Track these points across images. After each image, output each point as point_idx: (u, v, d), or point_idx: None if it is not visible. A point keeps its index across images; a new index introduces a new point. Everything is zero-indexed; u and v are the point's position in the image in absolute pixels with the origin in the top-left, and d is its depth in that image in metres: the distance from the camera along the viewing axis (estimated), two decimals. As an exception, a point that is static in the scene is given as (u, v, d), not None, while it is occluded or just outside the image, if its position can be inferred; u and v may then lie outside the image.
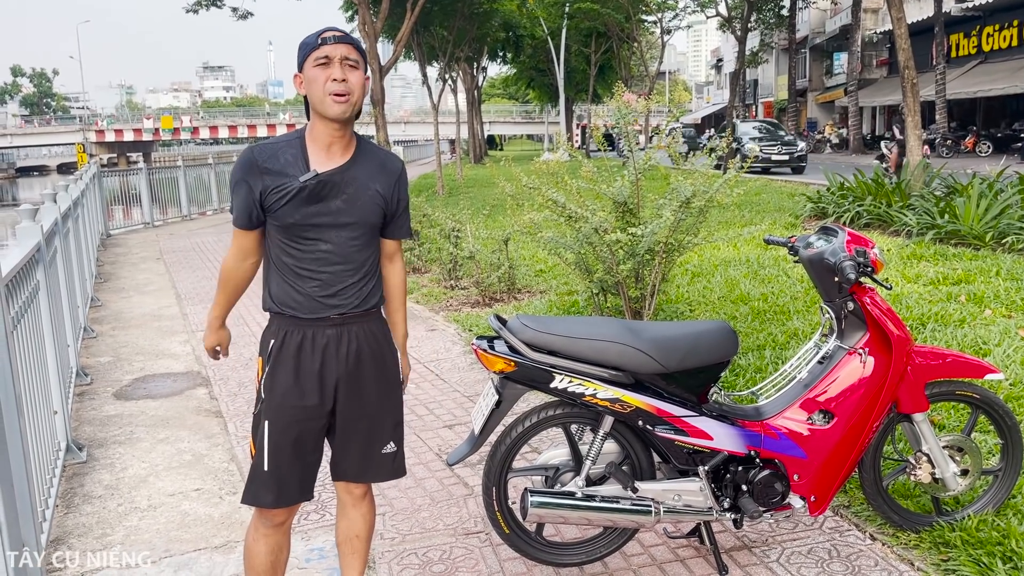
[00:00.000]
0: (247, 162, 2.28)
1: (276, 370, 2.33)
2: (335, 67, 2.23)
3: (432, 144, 32.43)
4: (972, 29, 31.49)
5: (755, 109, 54.23)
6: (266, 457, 2.34)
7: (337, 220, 2.30)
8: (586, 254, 6.05)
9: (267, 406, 2.34)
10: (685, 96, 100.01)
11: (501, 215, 11.40)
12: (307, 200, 2.26)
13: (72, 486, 4.00)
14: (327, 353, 2.34)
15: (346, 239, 2.32)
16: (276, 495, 2.36)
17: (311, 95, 2.27)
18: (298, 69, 2.31)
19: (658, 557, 3.11)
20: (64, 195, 7.07)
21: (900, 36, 11.76)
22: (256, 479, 2.36)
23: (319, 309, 2.31)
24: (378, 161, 2.39)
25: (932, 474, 3.07)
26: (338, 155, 2.32)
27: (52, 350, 4.29)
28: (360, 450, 2.46)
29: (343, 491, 2.55)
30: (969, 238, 8.66)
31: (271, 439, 2.33)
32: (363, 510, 2.57)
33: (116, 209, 17.25)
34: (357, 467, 2.48)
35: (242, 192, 2.28)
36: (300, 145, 2.31)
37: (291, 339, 2.33)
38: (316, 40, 2.25)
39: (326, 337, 2.33)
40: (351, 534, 2.57)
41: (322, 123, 2.29)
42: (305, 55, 2.27)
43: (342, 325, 2.35)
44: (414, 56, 26.25)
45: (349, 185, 2.31)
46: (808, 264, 3.06)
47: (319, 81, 2.23)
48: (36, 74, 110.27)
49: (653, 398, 2.76)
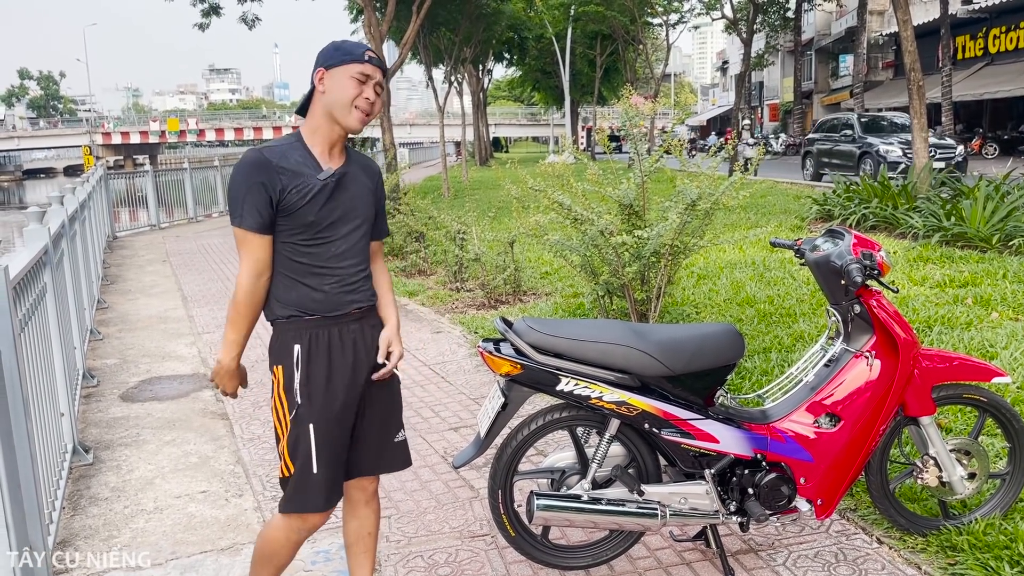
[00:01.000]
0: (259, 162, 2.26)
1: (311, 374, 2.33)
2: (370, 88, 2.33)
3: (437, 146, 32.43)
4: (978, 31, 31.40)
5: (761, 111, 54.17)
6: (315, 461, 2.33)
7: (348, 216, 2.38)
8: (592, 256, 6.05)
9: (308, 411, 2.33)
10: (691, 98, 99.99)
11: (507, 217, 11.41)
12: (326, 197, 2.32)
13: (79, 488, 4.01)
14: (357, 348, 2.39)
15: (356, 235, 2.40)
16: (327, 497, 2.38)
17: (335, 100, 2.30)
18: (324, 65, 2.32)
19: (664, 560, 3.10)
20: (71, 198, 7.09)
21: (906, 38, 11.73)
22: (306, 485, 2.35)
23: (341, 306, 2.36)
24: (363, 163, 2.50)
25: (939, 478, 3.06)
26: (337, 156, 2.39)
27: (59, 352, 4.31)
28: (379, 440, 2.50)
29: (356, 489, 2.55)
30: (975, 240, 8.63)
31: (318, 442, 2.33)
32: (374, 506, 2.60)
33: (122, 211, 17.32)
34: (375, 459, 2.52)
35: (257, 193, 2.25)
36: (303, 147, 2.34)
37: (319, 341, 2.34)
38: (362, 55, 2.31)
39: (352, 332, 2.39)
40: (363, 532, 2.58)
41: (333, 127, 2.34)
42: (344, 61, 2.30)
43: (361, 319, 2.42)
44: (420, 58, 26.30)
45: (353, 183, 2.40)
46: (814, 267, 3.06)
47: (351, 93, 2.29)
48: (43, 77, 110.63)
49: (659, 401, 2.76)
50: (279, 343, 2.37)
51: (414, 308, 7.97)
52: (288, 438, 2.35)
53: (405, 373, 5.75)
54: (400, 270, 10.35)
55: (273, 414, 2.39)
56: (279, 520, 2.45)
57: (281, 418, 2.36)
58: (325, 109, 2.32)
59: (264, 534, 2.50)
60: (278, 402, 2.36)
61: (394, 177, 13.53)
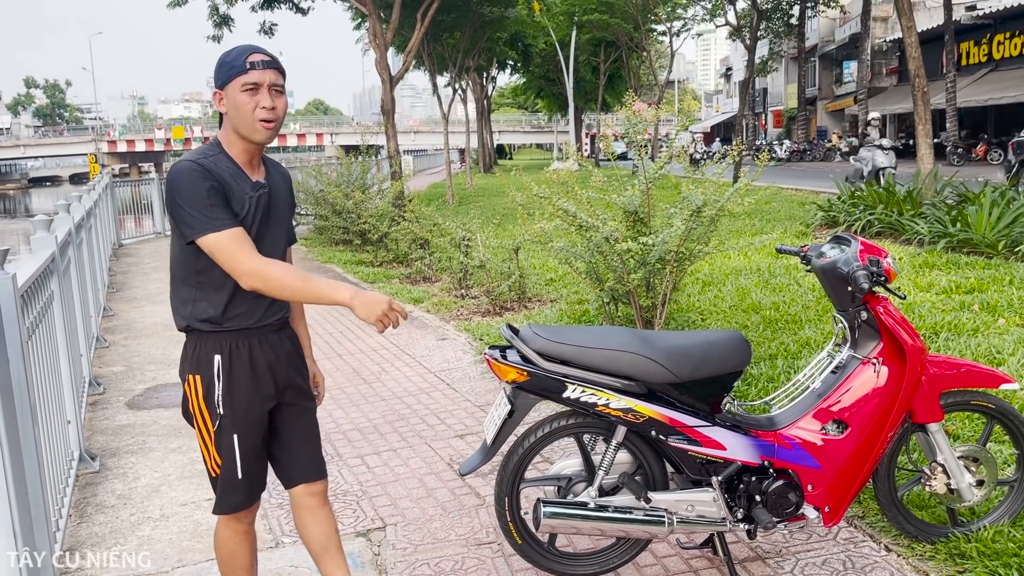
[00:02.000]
0: (201, 170, 2.20)
1: (232, 384, 2.34)
2: (264, 94, 2.24)
3: (442, 153, 32.49)
4: (982, 37, 31.40)
5: (764, 118, 54.18)
6: (239, 467, 2.39)
7: (273, 227, 2.39)
8: (597, 263, 6.05)
9: (231, 421, 2.35)
10: (694, 105, 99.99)
11: (511, 224, 11.42)
12: (259, 210, 2.32)
13: (85, 496, 4.01)
14: (277, 356, 2.41)
15: (278, 245, 2.42)
16: (247, 495, 2.45)
17: (237, 118, 2.25)
18: (217, 86, 2.27)
19: (671, 568, 3.09)
20: (77, 205, 7.11)
21: (910, 44, 11.74)
22: (229, 489, 2.42)
23: (263, 317, 2.37)
24: (278, 170, 2.49)
25: (947, 485, 3.05)
26: (257, 167, 2.38)
27: (66, 360, 4.32)
28: (313, 447, 2.54)
29: (305, 494, 2.55)
30: (981, 247, 8.61)
31: (242, 450, 2.38)
32: (328, 507, 2.61)
33: (128, 219, 17.35)
34: (316, 464, 2.55)
35: (216, 195, 2.20)
36: (227, 157, 2.30)
37: (239, 351, 2.34)
38: (244, 64, 2.22)
39: (270, 343, 2.41)
40: (330, 531, 2.58)
41: (245, 143, 2.30)
42: (230, 77, 2.24)
43: (280, 331, 2.45)
44: (424, 66, 26.36)
45: (276, 195, 2.41)
46: (821, 273, 3.06)
47: (247, 107, 2.23)
48: (49, 85, 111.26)
49: (666, 408, 2.75)
50: (197, 352, 2.35)
51: (419, 315, 7.97)
52: (213, 445, 2.39)
53: (411, 380, 5.76)
54: (405, 277, 10.36)
55: (195, 420, 2.40)
56: (220, 521, 2.53)
57: (203, 426, 2.38)
58: (235, 129, 2.28)
59: (215, 540, 2.57)
60: (198, 411, 2.37)
61: (399, 184, 13.56)
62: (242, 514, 2.50)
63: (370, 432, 4.76)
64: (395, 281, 10.20)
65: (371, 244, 12.28)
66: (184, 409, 2.43)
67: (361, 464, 4.27)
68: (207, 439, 2.39)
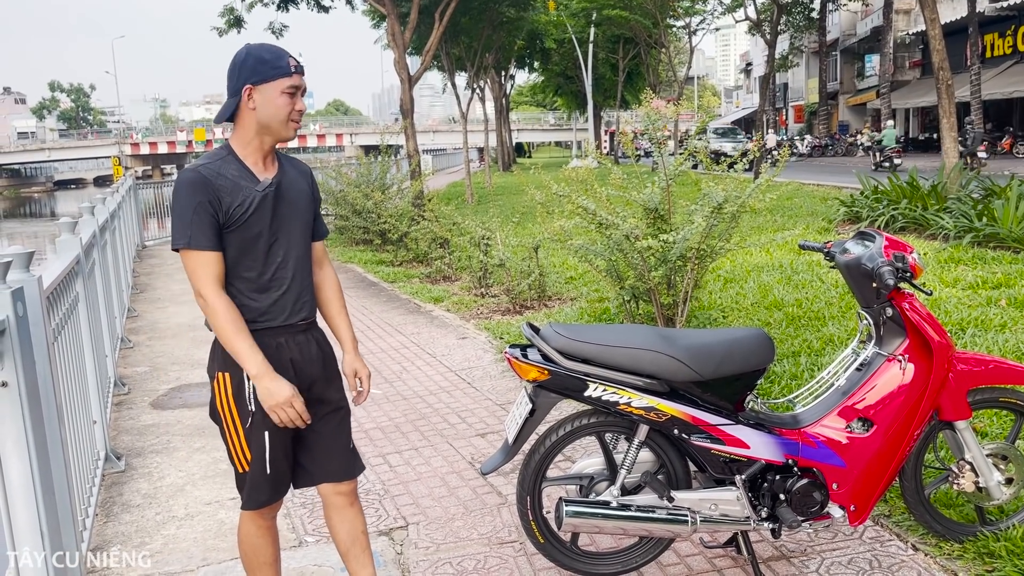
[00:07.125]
0: (198, 181, 2.25)
1: None
2: (299, 99, 2.36)
3: (461, 152, 32.54)
4: (1007, 29, 30.92)
5: (785, 113, 53.74)
6: (268, 464, 2.41)
7: (291, 224, 2.41)
8: (617, 261, 6.02)
9: (263, 419, 2.35)
10: (714, 101, 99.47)
11: (531, 223, 11.41)
12: (268, 208, 2.34)
13: (111, 495, 4.05)
14: (303, 355, 2.42)
15: (299, 243, 2.44)
16: (274, 490, 2.47)
17: (270, 116, 2.31)
18: (252, 81, 2.29)
19: (695, 567, 3.07)
20: (101, 208, 7.19)
21: (934, 37, 11.59)
22: (257, 485, 2.43)
23: (289, 316, 2.40)
24: (296, 167, 2.52)
25: (976, 483, 3.01)
26: (270, 165, 2.41)
27: (91, 360, 4.36)
28: (343, 446, 2.55)
29: (333, 494, 2.56)
30: (1008, 241, 8.48)
31: (272, 446, 2.40)
32: (358, 506, 2.62)
33: (151, 220, 17.52)
34: (345, 464, 2.55)
35: (203, 212, 2.24)
36: (236, 160, 2.34)
37: (267, 350, 2.34)
38: (288, 67, 2.31)
39: (297, 343, 2.42)
40: (357, 532, 2.60)
41: (267, 138, 2.35)
42: (271, 76, 2.29)
43: (307, 331, 2.46)
44: (443, 66, 26.39)
45: (290, 189, 2.42)
46: (845, 270, 3.02)
47: (284, 108, 2.32)
48: (74, 89, 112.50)
49: (688, 406, 2.73)
50: (225, 350, 2.35)
51: (439, 314, 7.98)
52: (244, 443, 2.40)
53: (432, 379, 5.76)
54: (425, 276, 10.38)
55: (222, 418, 2.40)
56: (244, 517, 2.54)
57: (232, 423, 2.40)
58: (260, 124, 2.32)
59: (239, 535, 2.59)
60: (226, 408, 2.39)
61: (418, 184, 13.59)
62: (266, 510, 2.53)
63: (392, 431, 4.77)
64: (415, 280, 10.23)
65: (391, 244, 12.33)
66: (212, 408, 2.45)
67: (383, 463, 4.28)
68: (236, 436, 2.41)
